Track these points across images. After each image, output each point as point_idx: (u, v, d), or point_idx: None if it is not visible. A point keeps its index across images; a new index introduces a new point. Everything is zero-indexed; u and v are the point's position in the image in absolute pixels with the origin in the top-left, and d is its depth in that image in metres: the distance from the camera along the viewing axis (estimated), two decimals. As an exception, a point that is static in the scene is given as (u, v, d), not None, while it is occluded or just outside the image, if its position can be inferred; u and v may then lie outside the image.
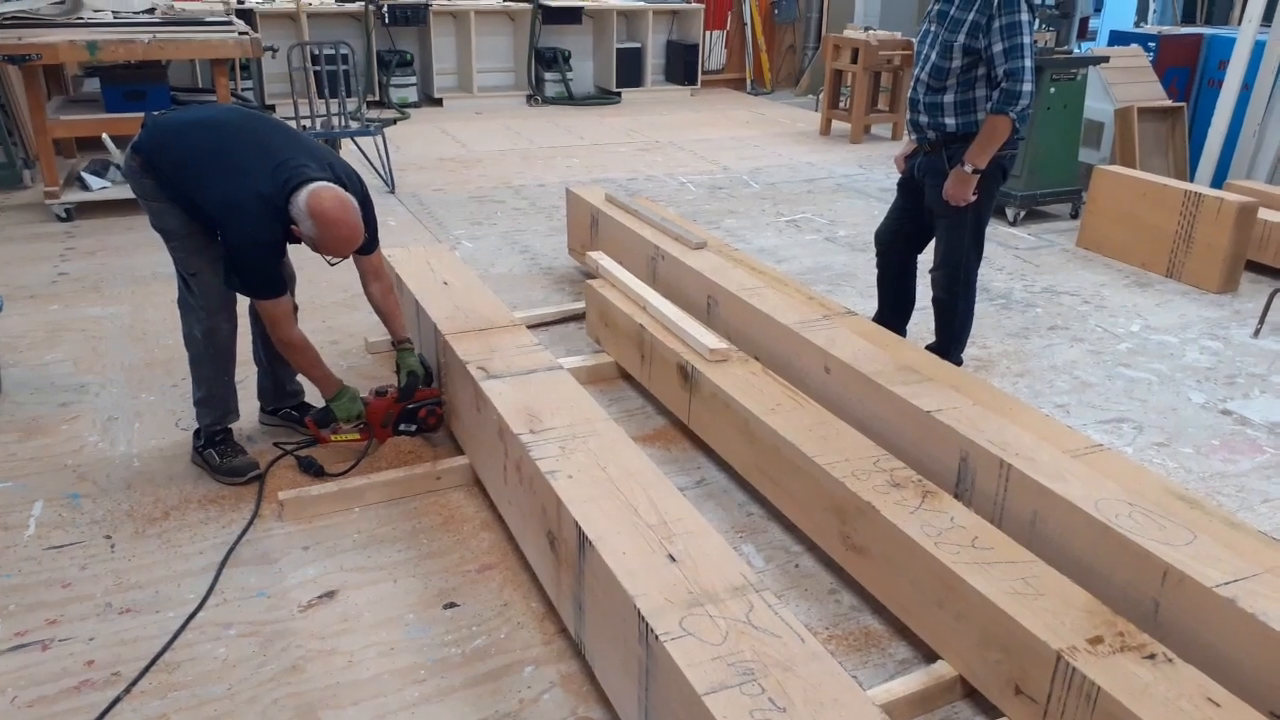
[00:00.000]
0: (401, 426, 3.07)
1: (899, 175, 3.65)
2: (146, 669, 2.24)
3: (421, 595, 2.53)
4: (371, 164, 6.34)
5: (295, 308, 3.16)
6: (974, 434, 2.59)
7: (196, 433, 3.08)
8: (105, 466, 3.08)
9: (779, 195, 6.49)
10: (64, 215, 5.42)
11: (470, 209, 5.96)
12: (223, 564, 2.62)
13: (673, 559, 2.01)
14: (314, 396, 3.45)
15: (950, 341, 3.62)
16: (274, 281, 2.75)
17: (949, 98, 3.28)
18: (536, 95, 9.53)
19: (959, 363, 3.69)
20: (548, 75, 9.55)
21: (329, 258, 2.76)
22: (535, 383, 2.78)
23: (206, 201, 2.70)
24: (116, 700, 2.15)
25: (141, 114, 3.02)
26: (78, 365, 3.76)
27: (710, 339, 3.22)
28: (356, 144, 6.48)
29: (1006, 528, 2.44)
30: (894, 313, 3.82)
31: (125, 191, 5.59)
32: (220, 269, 2.76)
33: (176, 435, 3.26)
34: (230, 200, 2.66)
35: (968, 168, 3.25)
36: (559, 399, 2.68)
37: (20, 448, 3.18)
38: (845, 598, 2.57)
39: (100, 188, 5.62)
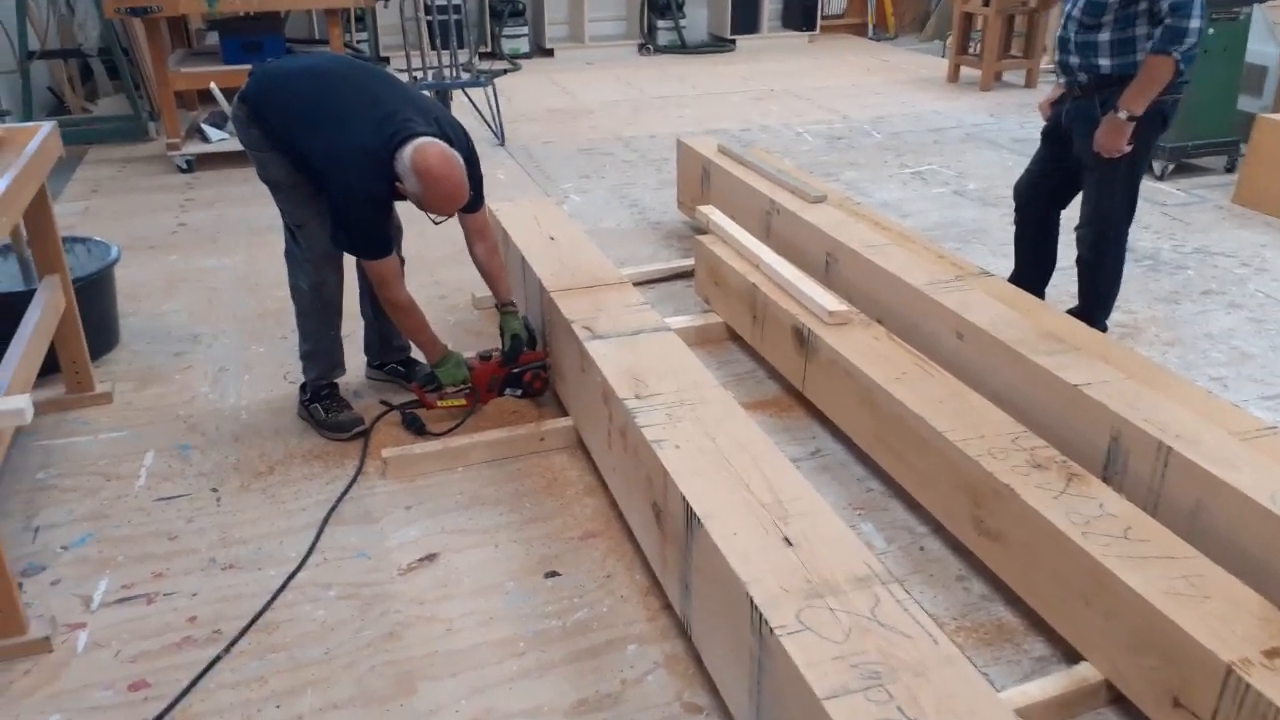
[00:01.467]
0: (507, 390, 2.98)
1: (1043, 123, 3.34)
2: (246, 629, 2.21)
3: (523, 562, 2.44)
4: (482, 115, 6.26)
5: (402, 262, 3.09)
6: (1128, 412, 2.33)
7: (302, 386, 3.05)
8: (215, 418, 3.08)
9: (903, 146, 6.14)
10: (185, 166, 5.51)
11: (579, 162, 5.82)
12: (324, 523, 2.57)
13: (789, 542, 1.85)
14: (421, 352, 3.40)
15: (1095, 306, 3.32)
16: (379, 239, 2.67)
17: (1105, 36, 2.95)
18: (648, 44, 9.30)
19: (1104, 329, 3.38)
20: (660, 23, 9.30)
21: (433, 216, 2.66)
22: (642, 344, 2.64)
23: (310, 151, 2.62)
24: (216, 660, 2.13)
25: (259, 65, 2.96)
26: (193, 315, 3.80)
27: (829, 300, 3.01)
28: (468, 95, 6.41)
29: (1163, 518, 2.19)
30: (1033, 274, 3.52)
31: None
32: (328, 221, 2.70)
33: (284, 388, 3.24)
34: (334, 151, 2.57)
35: (1123, 114, 2.93)
36: (666, 362, 2.53)
37: (136, 396, 3.22)
38: (975, 585, 2.37)
39: (219, 139, 5.69)
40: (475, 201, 2.83)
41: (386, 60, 8.34)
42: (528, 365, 2.98)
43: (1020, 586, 2.22)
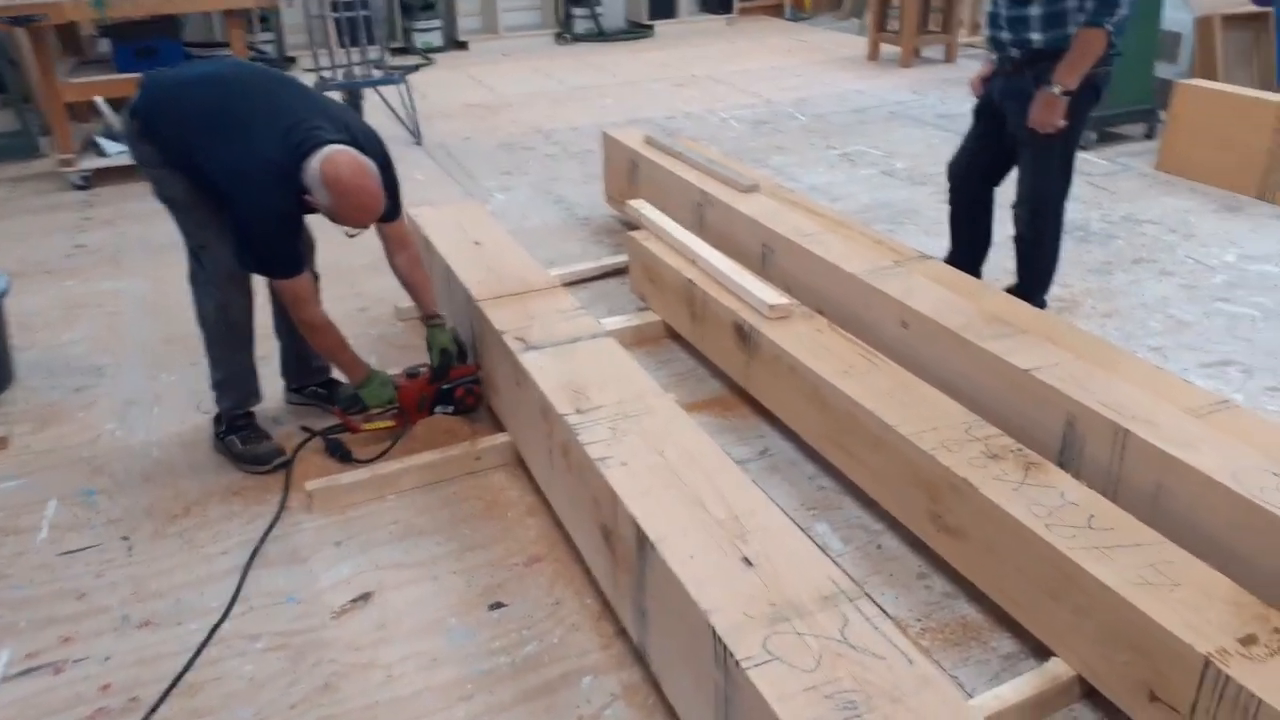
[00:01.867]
0: (438, 409, 2.82)
1: (973, 100, 3.28)
2: (166, 693, 2.03)
3: (464, 594, 2.29)
4: (396, 114, 6.04)
5: (316, 278, 2.91)
6: (1081, 394, 2.27)
7: (217, 418, 2.85)
8: (123, 458, 2.87)
9: (828, 127, 6.08)
10: (81, 183, 5.20)
11: (500, 158, 5.65)
12: (247, 567, 2.39)
13: (749, 562, 1.74)
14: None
15: (1034, 283, 3.28)
16: (289, 257, 2.49)
17: (1035, 10, 2.88)
18: (565, 33, 9.12)
19: (1042, 305, 3.35)
20: (576, 11, 9.12)
21: (348, 229, 2.49)
22: (579, 353, 2.50)
23: (211, 169, 2.43)
24: (134, 730, 1.95)
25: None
26: (94, 345, 3.55)
27: (769, 293, 2.91)
28: (380, 94, 6.16)
29: (1124, 503, 2.13)
30: (969, 253, 3.47)
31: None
32: (232, 240, 2.51)
33: (198, 419, 3.04)
34: (237, 167, 2.39)
35: (1056, 89, 2.87)
36: (606, 371, 2.41)
37: (35, 439, 2.98)
38: (937, 583, 2.29)
39: (117, 152, 5.36)
40: (392, 210, 2.66)
41: (293, 61, 8.03)
42: (458, 380, 2.82)
43: (984, 583, 2.15)
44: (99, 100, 2.65)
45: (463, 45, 8.82)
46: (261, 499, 2.66)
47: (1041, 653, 2.03)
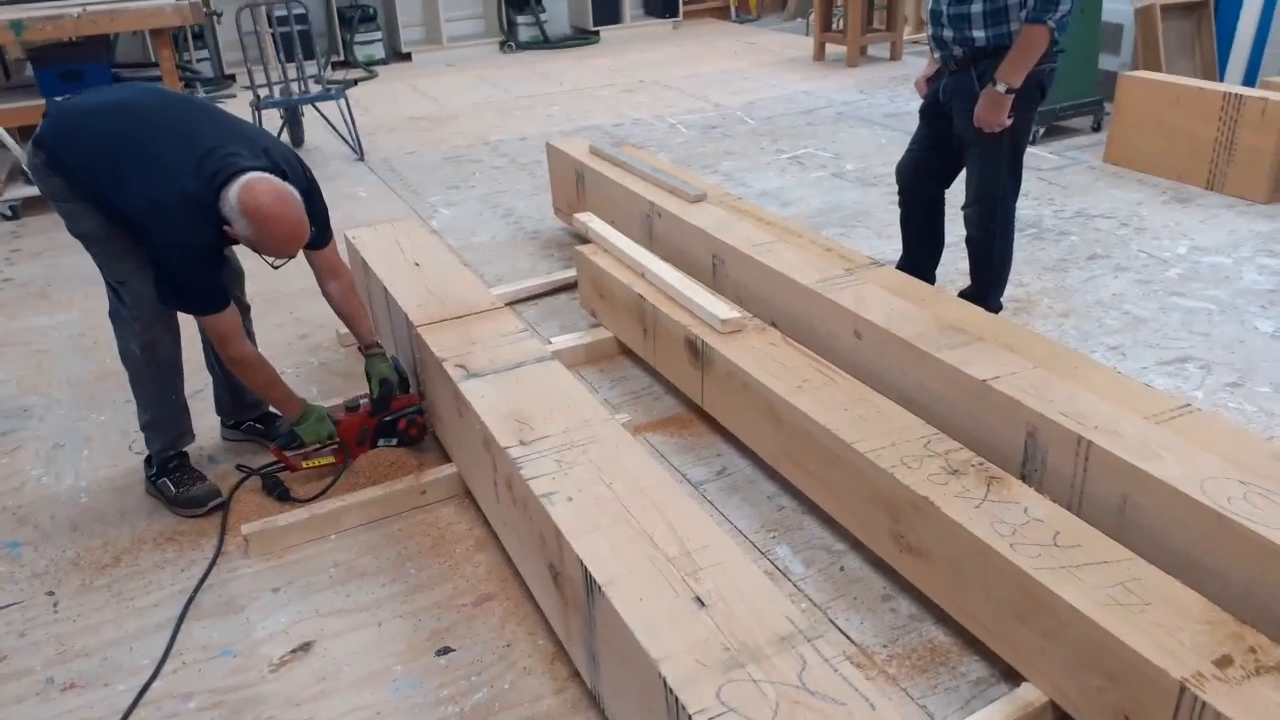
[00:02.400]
0: (380, 442, 2.70)
1: (919, 100, 3.22)
2: (90, 764, 1.91)
3: (411, 640, 2.18)
4: (336, 130, 5.89)
5: (247, 309, 2.78)
6: (1041, 404, 2.21)
7: (148, 460, 2.71)
8: (49, 505, 2.72)
9: (777, 130, 6.03)
10: (9, 214, 5.00)
11: (446, 171, 5.52)
12: (180, 619, 2.26)
13: (701, 602, 1.65)
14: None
15: (989, 285, 3.23)
16: (212, 292, 2.36)
17: (977, 7, 2.83)
18: (510, 41, 8.99)
19: (998, 308, 3.30)
20: (520, 18, 9.00)
21: (270, 259, 2.37)
22: (524, 379, 2.40)
23: (122, 201, 2.30)
24: (54, 809, 1.82)
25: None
26: (21, 385, 3.38)
27: (721, 307, 2.83)
28: (319, 110, 6.01)
29: (1089, 516, 2.07)
30: (922, 256, 3.42)
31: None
32: (152, 275, 2.37)
33: (130, 460, 2.89)
34: (151, 200, 2.26)
35: (1001, 87, 2.82)
36: (552, 398, 2.30)
37: (-46, 490, 2.82)
38: (902, 604, 2.22)
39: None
40: (320, 237, 2.55)
41: (231, 79, 7.84)
42: (400, 412, 2.70)
43: (950, 605, 2.08)
44: (1, 132, 2.51)
45: (406, 57, 8.67)
46: (196, 544, 2.53)
47: (1013, 676, 1.96)
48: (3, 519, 2.67)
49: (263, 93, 5.57)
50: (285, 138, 6.01)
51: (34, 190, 5.05)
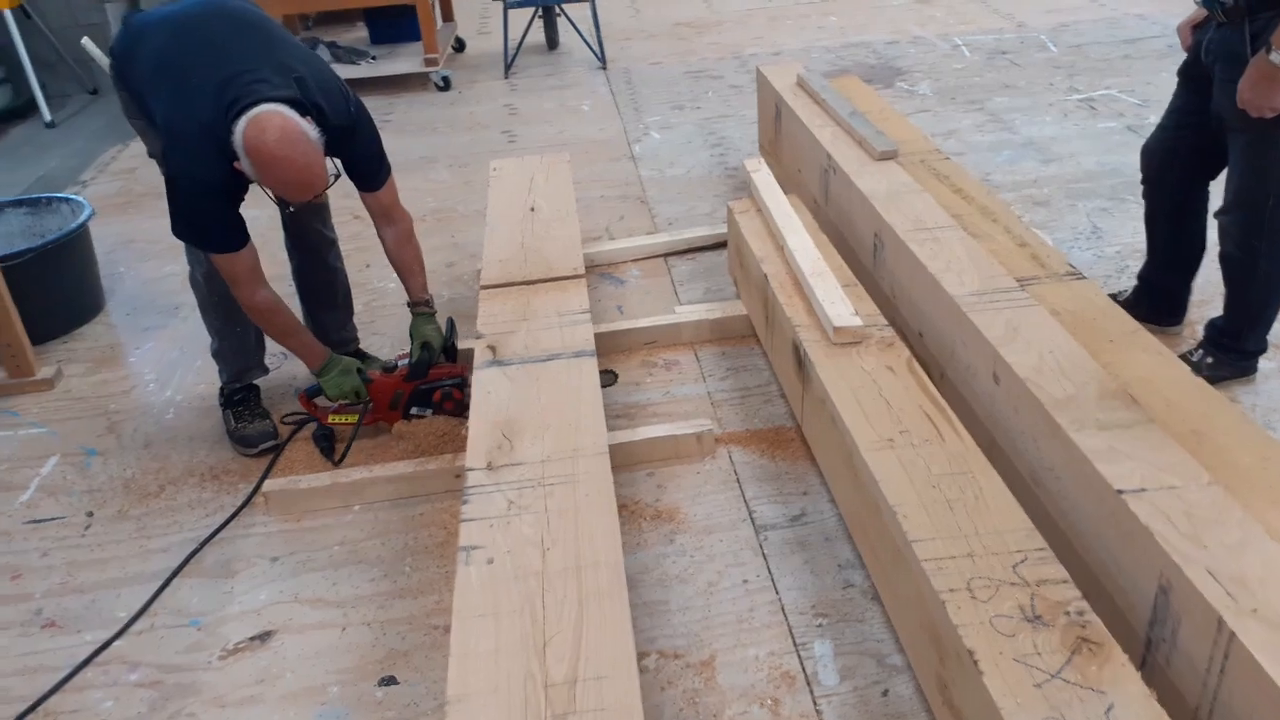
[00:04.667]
0: (414, 409, 2.45)
1: (1184, 55, 2.34)
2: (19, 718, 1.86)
3: (364, 657, 1.94)
4: (581, 35, 5.60)
5: (332, 243, 2.61)
6: (1187, 548, 1.48)
7: (220, 389, 2.65)
8: (139, 416, 2.76)
9: (1080, 62, 4.95)
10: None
11: (679, 88, 5.08)
12: (173, 574, 2.18)
13: (544, 766, 1.23)
14: (370, 344, 2.93)
15: (1244, 320, 2.34)
16: (220, 231, 2.18)
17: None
18: (817, -62, 8.16)
19: (1257, 352, 2.41)
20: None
21: (286, 202, 2.14)
22: (546, 376, 2.03)
23: (155, 123, 2.16)
24: (-39, 762, 1.79)
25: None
26: (182, 282, 3.47)
27: (841, 309, 2.25)
28: (566, 15, 5.74)
29: (1222, 738, 1.38)
30: (1169, 268, 2.56)
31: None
32: None
33: (228, 381, 2.87)
34: (169, 124, 2.11)
35: (1276, 56, 1.92)
36: (560, 409, 1.92)
37: (80, 382, 2.95)
38: (941, 769, 1.64)
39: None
40: (371, 178, 2.30)
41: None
42: (437, 382, 2.42)
43: (988, 801, 1.48)
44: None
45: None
46: (235, 488, 2.44)
47: None
48: (97, 423, 2.74)
49: (512, -11, 5.39)
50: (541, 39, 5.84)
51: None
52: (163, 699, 1.89)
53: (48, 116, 5.26)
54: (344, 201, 2.87)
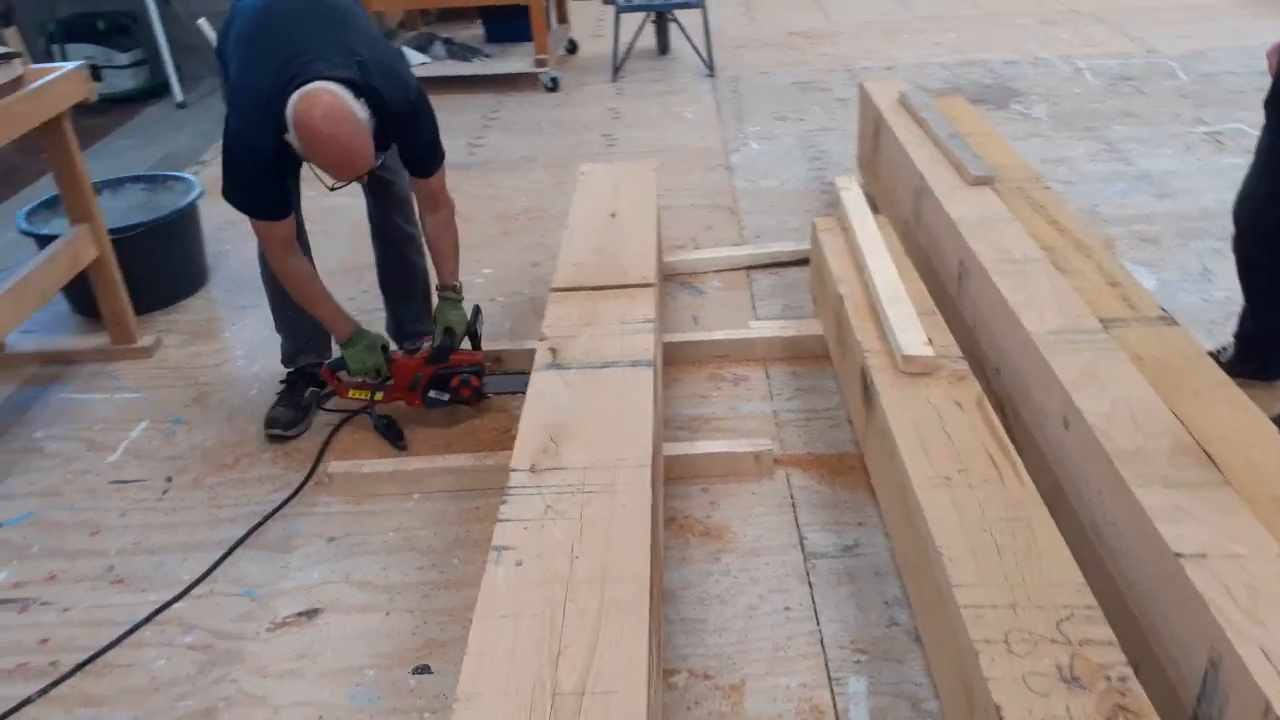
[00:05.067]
0: (432, 393, 2.49)
1: (1270, 80, 2.20)
2: (76, 669, 1.95)
3: (403, 643, 1.98)
4: (692, 42, 5.60)
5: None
6: (1246, 623, 1.39)
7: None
8: (225, 389, 2.88)
9: (1211, 93, 4.70)
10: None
11: (785, 99, 5.03)
12: (237, 543, 2.26)
13: (541, 776, 1.24)
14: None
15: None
16: (264, 198, 2.27)
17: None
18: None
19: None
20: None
21: (327, 181, 2.20)
22: (602, 383, 2.03)
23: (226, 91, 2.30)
24: (21, 705, 1.89)
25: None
26: (282, 263, 3.62)
27: (914, 336, 2.19)
28: (676, 19, 5.74)
29: (1265, 830, 1.28)
30: (1268, 320, 2.41)
31: (447, 68, 5.46)
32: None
33: (313, 361, 2.97)
34: (234, 92, 2.24)
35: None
36: (610, 417, 1.92)
37: (176, 353, 3.09)
38: (966, 824, 1.58)
39: (420, 63, 5.51)
40: (424, 165, 2.39)
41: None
42: (457, 368, 2.46)
43: None
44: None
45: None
46: (304, 466, 2.53)
47: None
48: (186, 393, 2.87)
49: (627, -6, 5.43)
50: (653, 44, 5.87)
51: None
52: (210, 663, 1.96)
53: (179, 97, 5.53)
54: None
